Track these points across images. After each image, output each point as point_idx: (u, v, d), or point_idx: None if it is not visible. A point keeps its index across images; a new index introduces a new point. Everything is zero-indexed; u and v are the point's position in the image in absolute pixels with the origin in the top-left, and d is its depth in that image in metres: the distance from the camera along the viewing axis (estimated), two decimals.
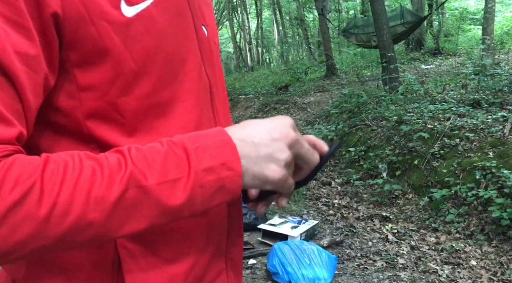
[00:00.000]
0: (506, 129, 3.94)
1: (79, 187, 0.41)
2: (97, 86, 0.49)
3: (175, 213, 0.45)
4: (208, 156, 0.46)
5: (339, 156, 5.37)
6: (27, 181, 0.39)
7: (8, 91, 0.42)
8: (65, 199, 0.40)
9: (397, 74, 6.81)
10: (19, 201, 0.38)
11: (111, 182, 0.42)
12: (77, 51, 0.47)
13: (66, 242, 0.41)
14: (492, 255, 2.91)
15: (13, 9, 0.42)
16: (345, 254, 3.07)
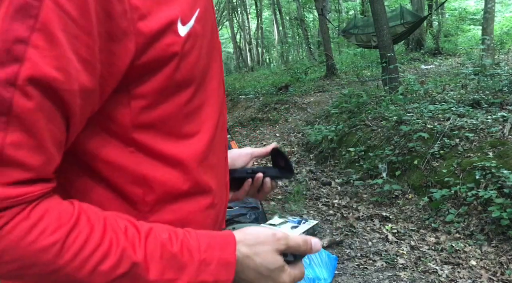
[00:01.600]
0: (505, 129, 3.94)
1: (94, 256, 0.47)
2: (147, 95, 0.54)
3: None
4: (208, 270, 0.53)
5: (339, 156, 5.38)
6: (58, 231, 0.45)
7: (60, 127, 0.47)
8: (79, 263, 0.46)
9: (397, 74, 6.81)
10: (45, 248, 0.44)
11: (119, 263, 0.48)
12: (140, 69, 0.52)
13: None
14: (492, 255, 2.91)
15: (90, 51, 0.46)
16: (345, 254, 3.08)
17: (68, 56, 0.44)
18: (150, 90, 0.53)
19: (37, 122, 0.44)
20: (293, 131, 7.36)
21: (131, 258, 0.49)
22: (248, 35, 29.90)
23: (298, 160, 5.95)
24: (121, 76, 0.50)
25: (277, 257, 0.59)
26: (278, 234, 0.61)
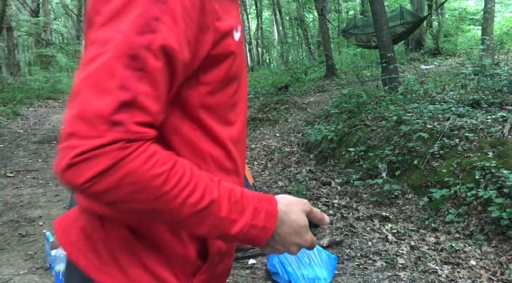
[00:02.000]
0: (505, 129, 3.94)
1: (185, 190, 0.59)
2: (210, 83, 0.68)
3: (222, 236, 0.64)
4: (259, 217, 0.66)
5: (339, 156, 5.38)
6: (165, 165, 0.57)
7: (168, 88, 0.61)
8: (175, 193, 0.58)
9: (396, 74, 6.82)
10: (156, 175, 0.56)
11: (201, 198, 0.60)
12: (209, 60, 0.66)
13: (159, 212, 0.59)
14: (492, 255, 2.91)
15: (192, 36, 0.62)
16: (345, 254, 3.08)
17: (182, 35, 0.60)
18: (212, 79, 0.68)
19: (160, 79, 0.58)
20: (293, 131, 7.37)
21: (211, 195, 0.61)
22: (248, 35, 29.87)
23: (298, 160, 5.95)
24: (199, 62, 0.65)
25: (304, 217, 0.71)
26: (303, 200, 0.72)
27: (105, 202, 0.57)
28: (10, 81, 14.67)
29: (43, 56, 18.97)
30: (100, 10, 0.60)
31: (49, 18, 21.00)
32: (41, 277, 2.70)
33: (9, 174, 5.26)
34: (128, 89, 0.55)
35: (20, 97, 11.44)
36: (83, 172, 0.54)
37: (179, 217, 0.60)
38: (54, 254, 2.46)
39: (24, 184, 4.90)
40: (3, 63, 17.48)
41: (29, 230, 3.50)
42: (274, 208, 0.67)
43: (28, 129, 8.32)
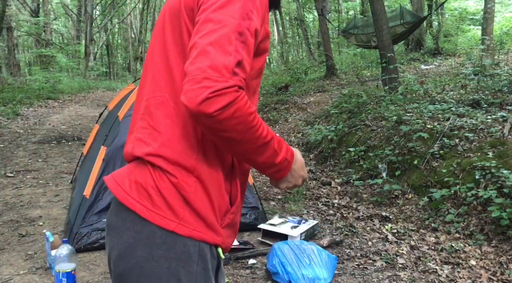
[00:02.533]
0: (505, 129, 3.94)
1: (264, 128, 0.86)
2: (255, 67, 0.93)
3: (270, 165, 0.91)
4: (288, 154, 0.94)
5: (339, 156, 5.38)
6: (252, 107, 0.82)
7: (250, 55, 0.84)
8: (259, 128, 0.85)
9: (396, 74, 6.81)
10: (250, 113, 0.82)
11: (268, 134, 0.88)
12: (259, 50, 0.91)
13: (244, 141, 0.84)
14: (492, 255, 2.91)
15: (261, 25, 0.89)
16: (345, 254, 3.08)
17: (259, 24, 0.87)
18: (256, 66, 0.92)
19: (251, 52, 0.84)
20: (293, 131, 7.36)
21: (271, 133, 0.88)
22: None
23: None
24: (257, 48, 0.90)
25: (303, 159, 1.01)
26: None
27: (218, 129, 0.80)
28: (10, 81, 14.67)
29: (43, 56, 18.97)
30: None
31: (49, 18, 21.00)
32: (41, 277, 2.70)
33: (9, 174, 5.26)
34: (240, 53, 0.80)
35: (20, 97, 11.43)
36: (214, 104, 0.76)
37: (254, 146, 0.85)
38: (54, 254, 2.46)
39: (24, 184, 4.89)
40: (3, 63, 17.49)
41: (29, 230, 3.50)
42: (292, 150, 0.97)
43: (28, 129, 8.32)
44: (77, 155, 6.18)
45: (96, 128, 4.67)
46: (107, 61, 33.01)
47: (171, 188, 0.86)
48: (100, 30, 26.66)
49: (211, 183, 0.89)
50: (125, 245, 0.88)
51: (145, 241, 0.86)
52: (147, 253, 0.86)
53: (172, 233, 0.85)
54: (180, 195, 0.86)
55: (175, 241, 0.85)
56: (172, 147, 0.87)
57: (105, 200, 3.26)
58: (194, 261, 0.87)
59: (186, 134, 0.88)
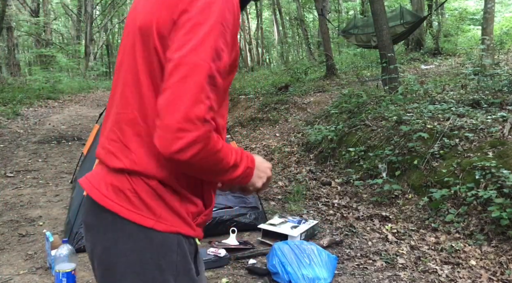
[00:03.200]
0: (505, 129, 3.94)
1: (228, 157, 0.94)
2: (226, 86, 1.00)
3: (235, 177, 0.99)
4: (249, 161, 1.02)
5: (339, 156, 5.38)
6: (220, 142, 0.91)
7: (217, 95, 0.91)
8: (225, 159, 0.93)
9: (396, 74, 6.81)
10: (219, 148, 0.90)
11: (230, 160, 0.95)
12: (228, 69, 0.96)
13: (211, 168, 0.93)
14: (492, 255, 2.91)
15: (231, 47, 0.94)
16: (345, 253, 3.08)
17: (229, 54, 0.94)
18: (226, 83, 0.98)
19: (220, 89, 0.92)
20: (293, 131, 7.36)
21: (233, 152, 0.97)
22: (248, 35, 29.85)
23: (298, 160, 5.95)
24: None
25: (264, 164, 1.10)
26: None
27: (189, 168, 0.90)
28: (10, 81, 14.67)
29: (43, 56, 18.98)
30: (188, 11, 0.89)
31: (49, 18, 21.01)
32: (41, 277, 2.70)
33: (9, 174, 5.26)
34: (210, 99, 0.87)
35: (20, 97, 11.43)
36: (187, 152, 0.85)
37: (220, 172, 0.95)
38: (54, 254, 2.46)
39: (24, 184, 4.90)
40: (3, 63, 17.49)
41: (29, 230, 3.50)
42: (252, 156, 1.05)
43: (28, 129, 8.32)
44: (77, 154, 6.18)
45: (96, 128, 4.67)
46: (107, 61, 33.01)
47: (148, 190, 0.94)
48: (100, 30, 26.66)
49: (183, 191, 0.97)
50: (109, 241, 0.96)
51: (127, 236, 0.94)
52: (131, 246, 0.94)
53: (151, 229, 0.93)
54: (157, 195, 0.94)
55: (155, 235, 0.94)
56: (143, 164, 0.94)
57: None
58: (173, 251, 0.96)
59: (155, 153, 0.92)
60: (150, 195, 0.94)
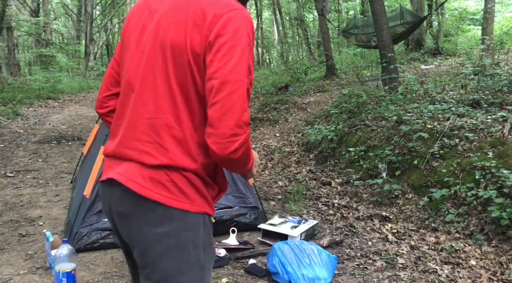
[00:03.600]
0: (505, 129, 3.94)
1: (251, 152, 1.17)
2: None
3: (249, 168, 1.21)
4: (254, 156, 1.22)
5: (339, 156, 5.38)
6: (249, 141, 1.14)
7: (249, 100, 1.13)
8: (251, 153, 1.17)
9: (396, 74, 6.81)
10: (250, 145, 1.13)
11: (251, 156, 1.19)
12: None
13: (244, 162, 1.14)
14: (492, 254, 2.91)
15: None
16: (345, 253, 3.08)
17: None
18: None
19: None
20: (293, 131, 7.36)
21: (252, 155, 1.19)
22: None
23: (298, 160, 5.95)
24: None
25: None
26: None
27: (235, 163, 1.11)
28: (10, 81, 14.67)
29: (43, 56, 18.98)
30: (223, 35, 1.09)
31: (49, 18, 21.01)
32: (41, 277, 2.70)
33: (9, 174, 5.26)
34: (248, 105, 1.09)
35: (20, 97, 11.43)
36: (239, 151, 1.07)
37: (247, 164, 1.16)
38: (54, 254, 2.46)
39: (24, 183, 4.90)
40: (3, 63, 17.49)
41: (29, 230, 3.50)
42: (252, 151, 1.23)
43: (28, 129, 8.32)
44: (77, 154, 6.18)
45: (96, 128, 4.67)
46: (107, 61, 33.02)
47: (184, 180, 1.14)
48: (100, 30, 26.66)
49: (208, 179, 1.20)
50: (148, 225, 1.14)
51: (165, 220, 1.14)
52: (168, 228, 1.14)
53: (186, 211, 1.14)
54: (191, 184, 1.15)
55: (188, 216, 1.15)
56: (180, 160, 1.13)
57: None
58: (200, 227, 1.17)
59: (188, 150, 1.14)
60: (186, 183, 1.14)
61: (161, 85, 1.15)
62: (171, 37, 1.13)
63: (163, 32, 1.15)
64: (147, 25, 1.20)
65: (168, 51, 1.14)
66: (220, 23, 1.09)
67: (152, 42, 1.17)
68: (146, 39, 1.19)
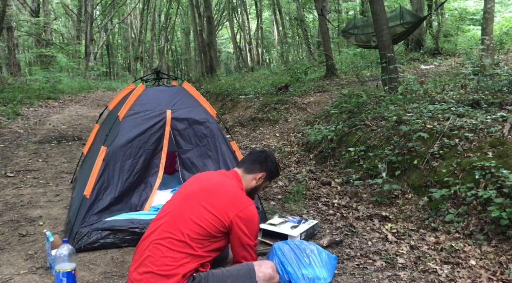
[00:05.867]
0: (505, 129, 3.95)
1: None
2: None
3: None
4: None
5: (339, 156, 5.38)
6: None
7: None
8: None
9: (396, 74, 6.82)
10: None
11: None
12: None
13: None
14: (492, 254, 2.92)
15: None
16: (344, 253, 3.08)
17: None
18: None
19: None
20: (293, 131, 7.37)
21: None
22: (248, 36, 29.86)
23: (298, 160, 5.95)
24: None
25: None
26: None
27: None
28: (10, 81, 14.67)
29: (44, 56, 18.98)
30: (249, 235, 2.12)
31: (49, 18, 21.00)
32: (41, 277, 2.70)
33: (9, 174, 5.27)
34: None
35: (20, 97, 11.44)
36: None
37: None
38: (54, 254, 2.46)
39: (24, 183, 4.90)
40: (3, 63, 17.49)
41: (29, 230, 3.50)
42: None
43: (28, 129, 8.33)
44: (77, 154, 6.18)
45: (96, 128, 4.67)
46: (107, 61, 33.01)
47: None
48: (100, 30, 26.66)
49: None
50: None
51: None
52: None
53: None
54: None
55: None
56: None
57: (105, 199, 3.26)
58: None
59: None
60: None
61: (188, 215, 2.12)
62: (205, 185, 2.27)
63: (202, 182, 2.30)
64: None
65: (203, 200, 2.16)
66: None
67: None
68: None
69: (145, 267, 1.94)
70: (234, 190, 2.17)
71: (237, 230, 2.05)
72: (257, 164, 2.35)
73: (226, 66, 37.00)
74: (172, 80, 4.68)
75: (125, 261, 2.91)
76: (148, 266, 1.93)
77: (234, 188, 2.18)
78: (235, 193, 2.15)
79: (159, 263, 1.92)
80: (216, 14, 30.84)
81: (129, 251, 3.05)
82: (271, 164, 2.39)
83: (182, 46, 39.14)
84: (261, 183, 2.39)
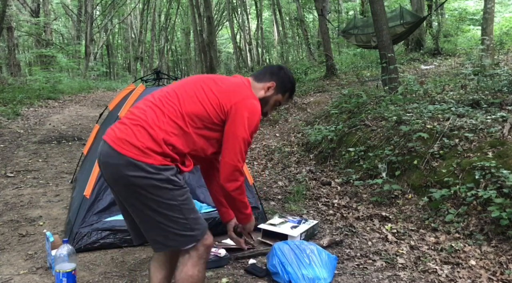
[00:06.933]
0: (505, 129, 3.95)
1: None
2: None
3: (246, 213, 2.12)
4: (251, 211, 2.17)
5: (339, 156, 5.38)
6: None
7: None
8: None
9: (396, 74, 6.82)
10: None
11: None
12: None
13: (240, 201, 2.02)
14: (492, 254, 2.92)
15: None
16: (344, 253, 3.08)
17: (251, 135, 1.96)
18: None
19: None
20: (293, 131, 7.37)
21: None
22: (248, 36, 29.86)
23: (298, 160, 5.95)
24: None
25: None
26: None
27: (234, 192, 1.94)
28: (10, 81, 14.67)
29: (44, 56, 18.98)
30: (247, 125, 1.89)
31: (50, 18, 21.00)
32: (41, 277, 2.70)
33: (9, 174, 5.27)
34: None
35: (20, 97, 11.44)
36: (238, 188, 1.92)
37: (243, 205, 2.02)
38: (54, 254, 2.46)
39: (24, 184, 4.90)
40: (4, 63, 17.49)
41: (29, 230, 3.50)
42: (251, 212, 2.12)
43: (28, 129, 8.33)
44: (77, 155, 6.18)
45: (96, 128, 4.67)
46: (107, 61, 33.01)
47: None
48: (100, 30, 26.66)
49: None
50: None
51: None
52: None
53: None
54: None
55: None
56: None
57: (105, 199, 3.26)
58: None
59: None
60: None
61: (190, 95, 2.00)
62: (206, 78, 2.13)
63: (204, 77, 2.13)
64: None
65: (206, 86, 2.05)
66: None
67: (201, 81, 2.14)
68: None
69: (132, 116, 1.82)
70: (241, 83, 2.00)
71: (235, 115, 1.83)
72: (268, 73, 2.16)
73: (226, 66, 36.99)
74: (172, 81, 4.68)
75: (125, 261, 2.91)
76: (137, 118, 1.79)
77: (241, 82, 2.01)
78: (241, 85, 1.98)
79: (149, 118, 1.78)
80: (216, 14, 30.86)
81: (129, 251, 3.05)
82: (284, 74, 2.18)
83: (182, 46, 39.16)
84: (271, 94, 2.20)
